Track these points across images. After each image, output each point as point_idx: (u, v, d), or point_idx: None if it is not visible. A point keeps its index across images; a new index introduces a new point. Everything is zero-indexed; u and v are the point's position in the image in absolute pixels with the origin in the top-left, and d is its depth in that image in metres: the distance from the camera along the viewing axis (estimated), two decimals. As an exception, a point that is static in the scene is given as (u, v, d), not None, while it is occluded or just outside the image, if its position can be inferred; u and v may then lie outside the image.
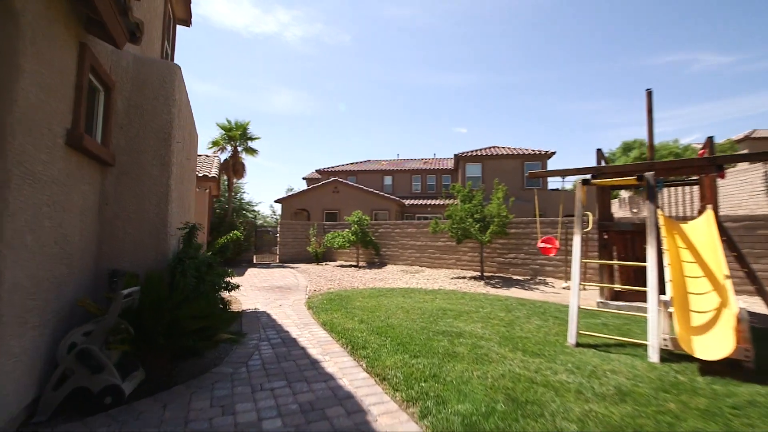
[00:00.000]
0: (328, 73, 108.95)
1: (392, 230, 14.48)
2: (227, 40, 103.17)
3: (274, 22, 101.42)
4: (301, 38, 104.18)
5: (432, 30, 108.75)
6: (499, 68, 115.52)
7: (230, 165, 15.69)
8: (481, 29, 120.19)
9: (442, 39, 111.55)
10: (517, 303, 6.57)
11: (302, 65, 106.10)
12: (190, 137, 5.53)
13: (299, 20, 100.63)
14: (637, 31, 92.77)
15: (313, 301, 6.57)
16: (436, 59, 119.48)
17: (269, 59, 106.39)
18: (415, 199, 25.25)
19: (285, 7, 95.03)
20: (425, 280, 9.87)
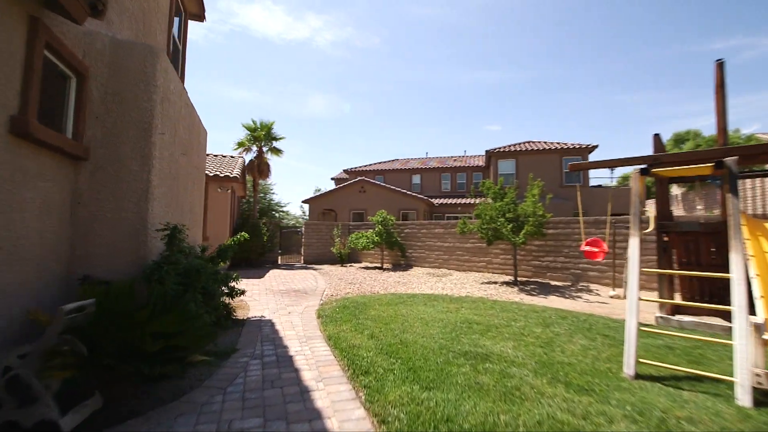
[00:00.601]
0: (358, 76, 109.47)
1: (418, 230, 13.75)
2: (263, 48, 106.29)
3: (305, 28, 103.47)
4: (332, 43, 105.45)
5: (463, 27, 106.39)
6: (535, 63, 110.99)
7: (255, 165, 15.60)
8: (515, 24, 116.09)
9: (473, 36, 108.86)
10: (556, 315, 5.68)
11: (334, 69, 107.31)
12: (189, 132, 5.14)
13: (330, 25, 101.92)
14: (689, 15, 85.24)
15: (324, 309, 6.03)
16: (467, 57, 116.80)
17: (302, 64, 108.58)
18: (444, 198, 24.31)
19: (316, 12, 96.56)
20: (452, 285, 9.08)
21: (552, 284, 9.19)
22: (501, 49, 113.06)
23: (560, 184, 19.53)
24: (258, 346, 4.06)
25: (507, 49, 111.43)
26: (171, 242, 3.45)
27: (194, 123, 5.45)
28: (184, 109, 4.75)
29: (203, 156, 6.27)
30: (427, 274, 11.50)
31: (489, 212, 9.20)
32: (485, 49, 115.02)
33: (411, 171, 26.06)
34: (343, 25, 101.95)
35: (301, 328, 4.88)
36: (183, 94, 4.75)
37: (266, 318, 5.45)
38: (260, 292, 7.83)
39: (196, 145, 5.70)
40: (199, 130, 5.91)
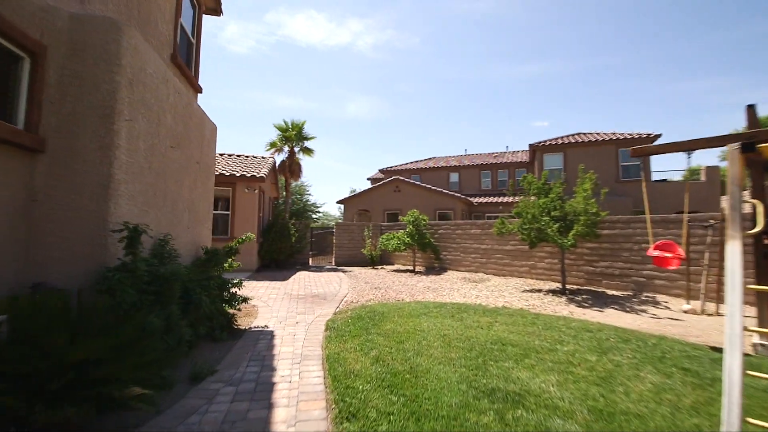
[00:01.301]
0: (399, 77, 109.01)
1: (453, 231, 12.75)
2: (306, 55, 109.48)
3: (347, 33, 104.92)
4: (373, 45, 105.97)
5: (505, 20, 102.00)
6: (587, 52, 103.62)
7: (287, 166, 15.45)
8: (563, 11, 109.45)
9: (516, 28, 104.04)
10: (616, 336, 4.56)
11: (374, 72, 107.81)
12: (184, 124, 4.70)
13: (371, 28, 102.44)
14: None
15: (336, 319, 5.37)
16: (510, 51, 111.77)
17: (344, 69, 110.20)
18: (484, 196, 22.90)
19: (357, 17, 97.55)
20: (488, 293, 8.06)
21: (608, 294, 7.86)
22: (548, 40, 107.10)
23: (616, 178, 17.50)
24: (242, 366, 3.46)
25: (555, 39, 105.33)
26: (131, 246, 2.94)
27: (192, 115, 5.03)
28: (173, 98, 4.31)
29: (209, 151, 5.88)
30: (461, 278, 10.50)
31: (531, 210, 8.06)
32: (531, 42, 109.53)
33: (448, 169, 24.90)
34: (383, 28, 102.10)
35: (302, 343, 4.24)
36: (172, 82, 4.31)
37: (269, 329, 4.89)
38: (277, 297, 7.36)
39: (198, 140, 5.29)
40: (202, 124, 5.50)
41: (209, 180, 5.92)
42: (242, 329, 4.85)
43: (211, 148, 5.99)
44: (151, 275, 3.17)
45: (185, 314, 3.75)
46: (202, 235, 5.53)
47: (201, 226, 5.48)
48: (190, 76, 6.59)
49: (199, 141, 5.31)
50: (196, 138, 5.20)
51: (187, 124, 4.82)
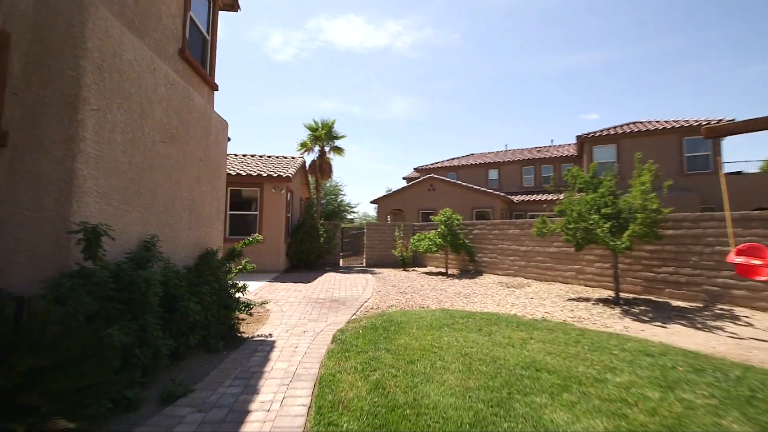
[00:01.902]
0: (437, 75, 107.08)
1: (489, 231, 11.82)
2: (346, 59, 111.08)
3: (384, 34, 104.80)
4: (411, 45, 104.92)
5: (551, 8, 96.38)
6: (643, 36, 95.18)
7: (317, 166, 15.29)
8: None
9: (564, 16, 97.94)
10: (685, 363, 3.63)
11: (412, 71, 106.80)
12: (180, 118, 4.42)
13: (408, 28, 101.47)
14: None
15: (348, 329, 4.85)
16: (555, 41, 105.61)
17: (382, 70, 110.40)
18: (526, 194, 21.44)
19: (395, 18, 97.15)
20: (526, 301, 7.17)
21: (673, 305, 6.67)
22: (598, 26, 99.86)
23: (680, 171, 15.49)
24: (223, 386, 3.04)
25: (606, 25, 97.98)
26: (90, 249, 2.60)
27: (193, 109, 4.75)
28: (165, 90, 4.02)
29: (217, 149, 5.62)
30: (497, 283, 9.60)
31: (576, 208, 7.06)
32: (579, 30, 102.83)
33: (486, 166, 23.65)
34: (421, 27, 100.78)
35: (301, 357, 3.77)
36: (162, 72, 4.02)
37: (272, 338, 4.48)
38: (295, 300, 7.01)
39: (201, 136, 5.02)
40: (207, 120, 5.24)
41: (218, 179, 5.67)
42: (244, 338, 4.49)
43: (220, 146, 5.74)
44: (122, 281, 2.84)
45: (169, 324, 3.42)
46: (209, 236, 5.27)
47: (207, 227, 5.22)
48: (203, 72, 6.40)
49: (202, 137, 5.05)
50: (199, 134, 4.93)
51: (186, 119, 4.54)
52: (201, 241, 5.05)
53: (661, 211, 6.47)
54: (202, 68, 6.39)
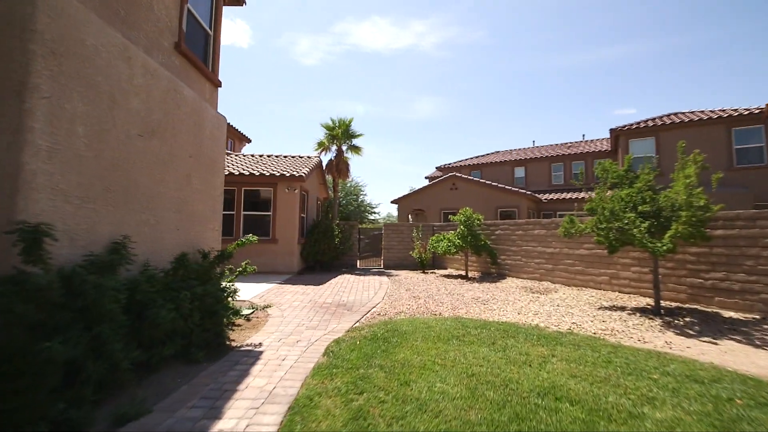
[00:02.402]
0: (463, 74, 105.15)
1: (512, 232, 11.07)
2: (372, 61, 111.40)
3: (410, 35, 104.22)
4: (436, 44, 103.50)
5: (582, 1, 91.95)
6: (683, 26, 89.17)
7: (334, 165, 15.02)
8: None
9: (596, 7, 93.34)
10: (744, 394, 2.94)
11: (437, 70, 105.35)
12: (162, 111, 4.15)
13: (434, 27, 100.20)
14: None
15: (345, 340, 4.43)
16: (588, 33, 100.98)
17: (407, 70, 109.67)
18: (555, 192, 20.29)
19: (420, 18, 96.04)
20: (552, 308, 6.49)
21: (724, 317, 5.79)
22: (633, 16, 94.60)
23: (729, 165, 14.01)
24: (186, 407, 2.68)
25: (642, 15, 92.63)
26: (29, 251, 2.31)
27: (181, 103, 4.48)
28: (143, 80, 3.75)
29: (213, 146, 5.36)
30: (521, 288, 8.89)
31: (608, 205, 6.29)
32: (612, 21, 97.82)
33: (512, 163, 22.61)
34: (446, 26, 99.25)
35: (284, 373, 3.38)
36: (139, 59, 3.75)
37: (261, 348, 4.13)
38: (300, 305, 6.66)
39: (191, 131, 4.75)
40: (199, 114, 4.97)
41: (214, 176, 5.40)
42: (232, 347, 4.16)
43: (217, 142, 5.47)
44: (76, 287, 2.54)
45: (138, 333, 3.11)
46: (202, 237, 5.00)
47: (200, 227, 4.96)
48: (202, 67, 6.17)
49: (193, 133, 4.78)
50: (189, 129, 4.66)
51: (172, 113, 4.27)
52: (193, 243, 4.78)
53: (710, 209, 5.61)
54: (201, 63, 6.16)
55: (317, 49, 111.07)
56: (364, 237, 16.27)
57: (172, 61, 5.39)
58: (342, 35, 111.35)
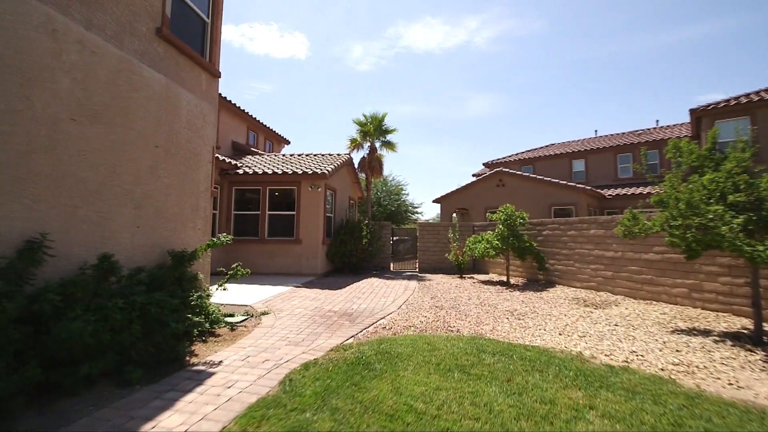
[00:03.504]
0: (520, 67, 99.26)
1: (564, 232, 9.47)
2: (424, 62, 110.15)
3: (463, 32, 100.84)
4: (491, 39, 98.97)
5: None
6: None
7: (366, 163, 14.33)
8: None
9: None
10: None
11: (493, 65, 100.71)
12: (117, 99, 3.66)
13: (488, 22, 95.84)
14: None
15: (319, 363, 3.58)
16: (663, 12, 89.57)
17: (461, 68, 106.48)
18: (622, 187, 17.73)
19: (473, 13, 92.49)
20: (606, 329, 5.10)
21: None
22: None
23: None
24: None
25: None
26: None
27: (137, 85, 3.99)
28: (77, 57, 3.27)
29: (193, 135, 4.86)
30: (571, 299, 7.42)
31: (685, 195, 4.76)
32: None
33: (570, 155, 20.23)
34: (501, 19, 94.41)
35: (214, 408, 2.63)
36: (71, 34, 3.27)
37: (216, 368, 3.44)
38: (301, 312, 5.98)
39: (159, 119, 4.26)
40: (169, 100, 4.47)
41: (196, 171, 4.90)
42: (188, 364, 3.54)
43: (199, 132, 4.98)
44: None
45: (44, 349, 2.57)
46: (177, 237, 4.51)
47: (174, 226, 4.46)
48: (195, 56, 5.76)
49: (161, 121, 4.29)
50: (153, 116, 4.17)
51: (125, 96, 3.79)
52: (163, 243, 4.29)
53: None
54: (194, 52, 5.75)
55: (370, 55, 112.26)
56: (405, 238, 15.37)
57: (153, 48, 4.98)
58: (394, 39, 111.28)
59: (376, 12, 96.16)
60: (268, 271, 10.52)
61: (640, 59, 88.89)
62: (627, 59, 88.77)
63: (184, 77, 5.61)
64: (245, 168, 10.97)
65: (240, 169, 10.83)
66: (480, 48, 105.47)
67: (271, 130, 17.08)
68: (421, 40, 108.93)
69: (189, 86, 5.67)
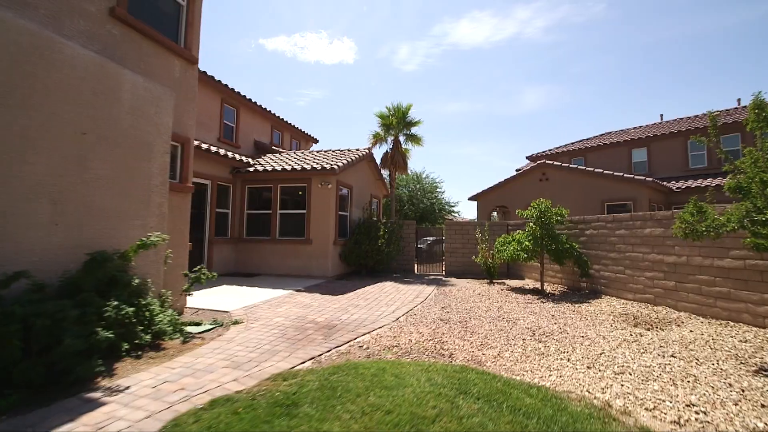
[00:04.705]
0: (577, 56, 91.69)
1: (611, 231, 7.85)
2: (472, 58, 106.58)
3: (513, 24, 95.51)
4: (544, 29, 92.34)
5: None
6: None
7: (389, 158, 13.44)
8: None
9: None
10: None
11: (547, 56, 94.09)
12: (23, 78, 3.13)
13: (540, 11, 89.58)
14: None
15: (230, 401, 2.76)
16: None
17: (511, 62, 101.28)
18: (694, 178, 15.07)
19: (524, 3, 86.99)
20: (659, 362, 3.75)
21: None
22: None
23: None
24: None
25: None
26: None
27: (51, 64, 3.44)
28: None
29: (140, 122, 4.29)
30: (618, 315, 5.95)
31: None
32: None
33: (630, 144, 17.69)
34: (555, 6, 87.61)
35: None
36: None
37: (113, 398, 2.76)
38: (280, 321, 5.25)
39: (87, 102, 3.72)
40: (101, 81, 3.90)
41: (147, 162, 4.35)
42: (89, 387, 2.91)
43: (150, 120, 4.42)
44: None
45: None
46: (117, 236, 3.96)
47: (109, 224, 3.92)
48: (164, 40, 5.31)
49: (89, 105, 3.75)
50: (78, 100, 3.64)
51: (34, 77, 3.27)
52: (96, 243, 3.76)
53: None
54: (161, 35, 5.28)
55: (416, 55, 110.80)
56: (441, 238, 14.24)
57: (106, 30, 4.53)
58: (440, 36, 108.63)
59: (421, 11, 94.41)
60: (279, 272, 10.03)
61: (716, 38, 77.77)
62: (700, 39, 78.07)
63: (150, 63, 5.15)
64: (256, 166, 10.60)
65: (251, 167, 10.48)
66: (532, 39, 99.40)
67: (297, 128, 16.80)
68: (468, 36, 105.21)
69: (156, 73, 5.19)
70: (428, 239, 14.82)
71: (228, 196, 10.48)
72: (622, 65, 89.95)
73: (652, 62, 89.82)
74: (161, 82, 5.21)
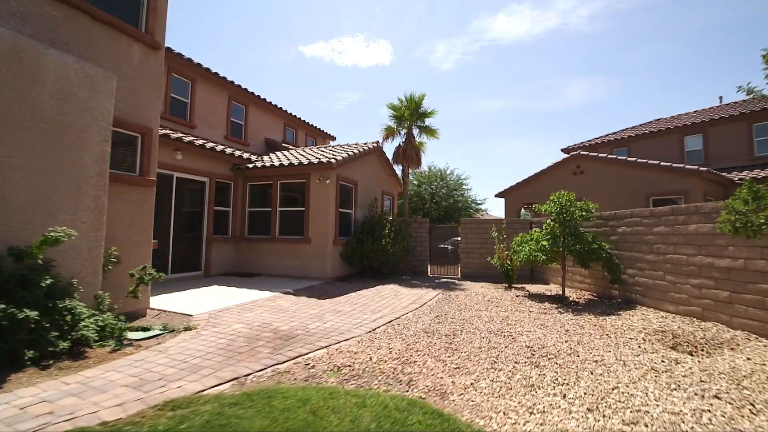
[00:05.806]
0: (626, 45, 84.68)
1: (647, 229, 6.54)
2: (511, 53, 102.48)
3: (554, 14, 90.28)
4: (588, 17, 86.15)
5: None
6: None
7: (401, 151, 12.60)
8: None
9: None
10: None
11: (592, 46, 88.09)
12: None
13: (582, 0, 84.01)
14: None
15: None
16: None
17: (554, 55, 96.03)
18: (761, 167, 12.86)
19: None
20: (694, 407, 2.69)
21: None
22: None
23: None
24: None
25: None
26: None
27: None
28: None
29: (68, 108, 3.83)
30: (651, 333, 4.77)
31: None
32: None
33: (681, 131, 15.56)
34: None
35: None
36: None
37: None
38: (240, 329, 4.65)
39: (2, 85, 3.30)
40: (17, 63, 3.48)
41: (73, 150, 3.89)
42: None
43: (82, 104, 3.98)
44: None
45: None
46: (36, 230, 3.54)
47: (27, 217, 3.50)
48: (116, 22, 4.90)
49: (6, 86, 3.33)
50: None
51: None
52: (8, 239, 3.34)
53: None
54: (114, 18, 4.89)
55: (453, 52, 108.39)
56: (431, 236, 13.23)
57: (45, 11, 4.16)
58: (477, 32, 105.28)
59: (456, 8, 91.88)
60: (278, 272, 9.56)
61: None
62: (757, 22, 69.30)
63: (101, 48, 4.76)
64: (256, 162, 10.22)
65: (251, 164, 10.11)
66: (576, 29, 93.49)
67: (312, 126, 16.42)
68: (507, 30, 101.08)
69: (109, 59, 4.80)
70: (457, 239, 13.80)
71: (229, 193, 10.18)
72: (676, 51, 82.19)
73: (710, 46, 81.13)
74: (117, 69, 4.82)
